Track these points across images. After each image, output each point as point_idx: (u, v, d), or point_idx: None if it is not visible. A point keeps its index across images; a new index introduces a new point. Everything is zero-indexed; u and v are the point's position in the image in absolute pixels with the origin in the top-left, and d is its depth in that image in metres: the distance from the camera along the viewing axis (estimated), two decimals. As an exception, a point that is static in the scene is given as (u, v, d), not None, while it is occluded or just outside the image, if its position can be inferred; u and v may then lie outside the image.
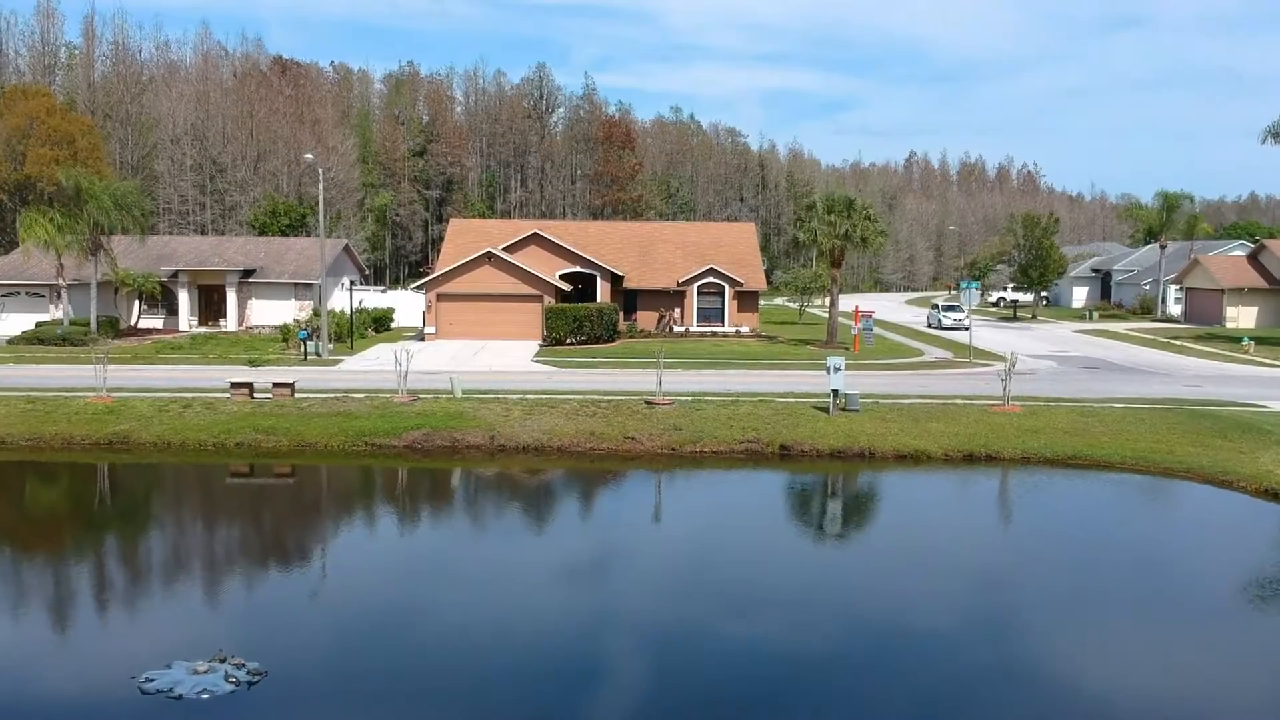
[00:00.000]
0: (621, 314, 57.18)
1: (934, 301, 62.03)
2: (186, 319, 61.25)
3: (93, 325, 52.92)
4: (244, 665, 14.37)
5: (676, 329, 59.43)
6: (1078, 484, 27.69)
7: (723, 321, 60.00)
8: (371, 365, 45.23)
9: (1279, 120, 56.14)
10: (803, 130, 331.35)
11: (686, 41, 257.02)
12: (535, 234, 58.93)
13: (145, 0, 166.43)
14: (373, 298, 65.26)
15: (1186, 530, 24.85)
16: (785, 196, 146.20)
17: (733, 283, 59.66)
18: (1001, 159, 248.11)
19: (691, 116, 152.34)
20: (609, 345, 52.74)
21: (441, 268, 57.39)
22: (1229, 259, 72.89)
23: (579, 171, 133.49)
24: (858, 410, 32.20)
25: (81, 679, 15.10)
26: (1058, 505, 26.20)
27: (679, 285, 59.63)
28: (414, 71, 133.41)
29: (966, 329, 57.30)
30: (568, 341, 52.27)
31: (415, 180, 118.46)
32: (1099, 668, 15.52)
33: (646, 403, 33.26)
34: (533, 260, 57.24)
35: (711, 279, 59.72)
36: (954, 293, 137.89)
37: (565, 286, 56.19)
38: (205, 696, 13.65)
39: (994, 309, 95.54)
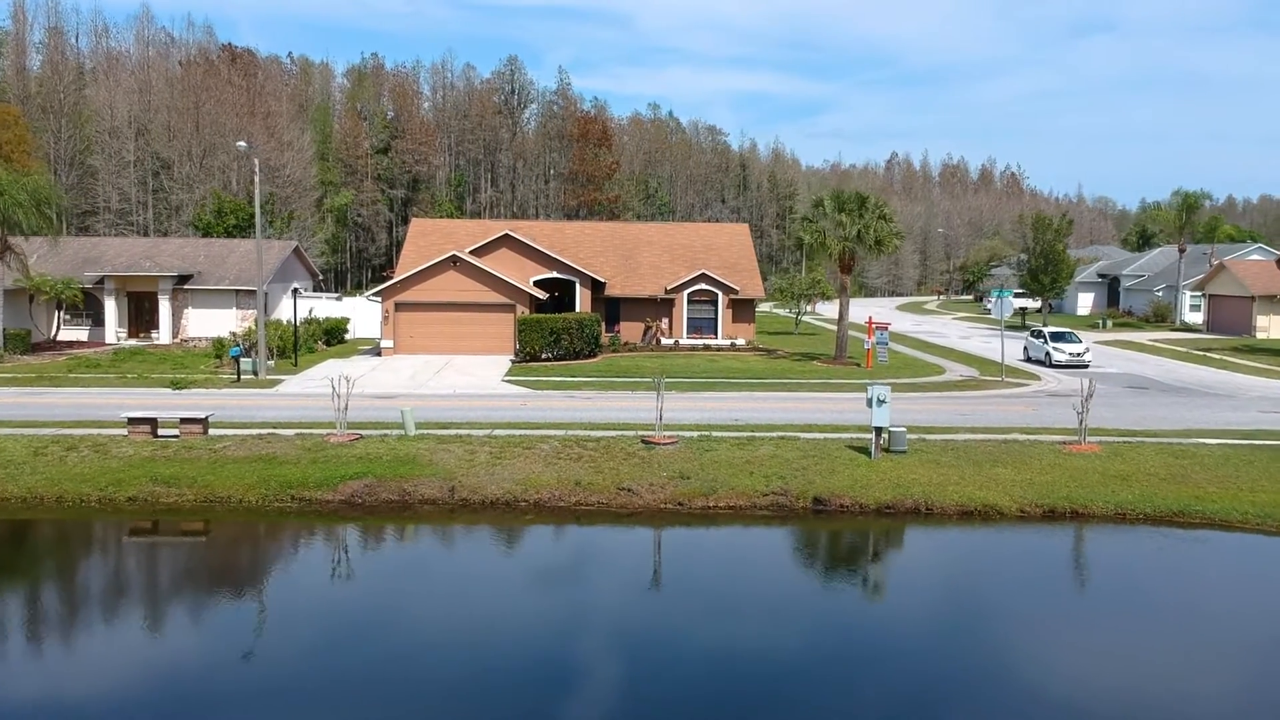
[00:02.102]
0: (603, 325, 51.06)
1: (1035, 328, 49.22)
2: (114, 330, 54.50)
3: (-2, 339, 46.19)
4: None
5: (664, 341, 53.36)
6: (1199, 552, 21.86)
7: (715, 333, 54.02)
8: (316, 387, 38.80)
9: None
10: (777, 133, 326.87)
11: (660, 44, 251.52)
12: (506, 235, 52.70)
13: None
14: (325, 306, 58.74)
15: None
16: (768, 197, 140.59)
17: (727, 290, 53.69)
18: (984, 160, 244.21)
19: (670, 114, 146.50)
20: (590, 361, 46.57)
21: (401, 273, 51.05)
22: (1259, 264, 67.75)
23: (553, 171, 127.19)
24: (904, 451, 26.23)
25: None
26: (1188, 587, 20.28)
27: (667, 293, 53.60)
28: (378, 65, 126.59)
29: (1088, 364, 46.37)
30: (544, 357, 46.07)
31: (379, 179, 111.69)
32: None
33: (644, 441, 27.14)
34: (504, 265, 51.05)
35: (703, 286, 53.74)
36: (943, 298, 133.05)
37: (540, 294, 50.00)
38: None
39: (993, 315, 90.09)
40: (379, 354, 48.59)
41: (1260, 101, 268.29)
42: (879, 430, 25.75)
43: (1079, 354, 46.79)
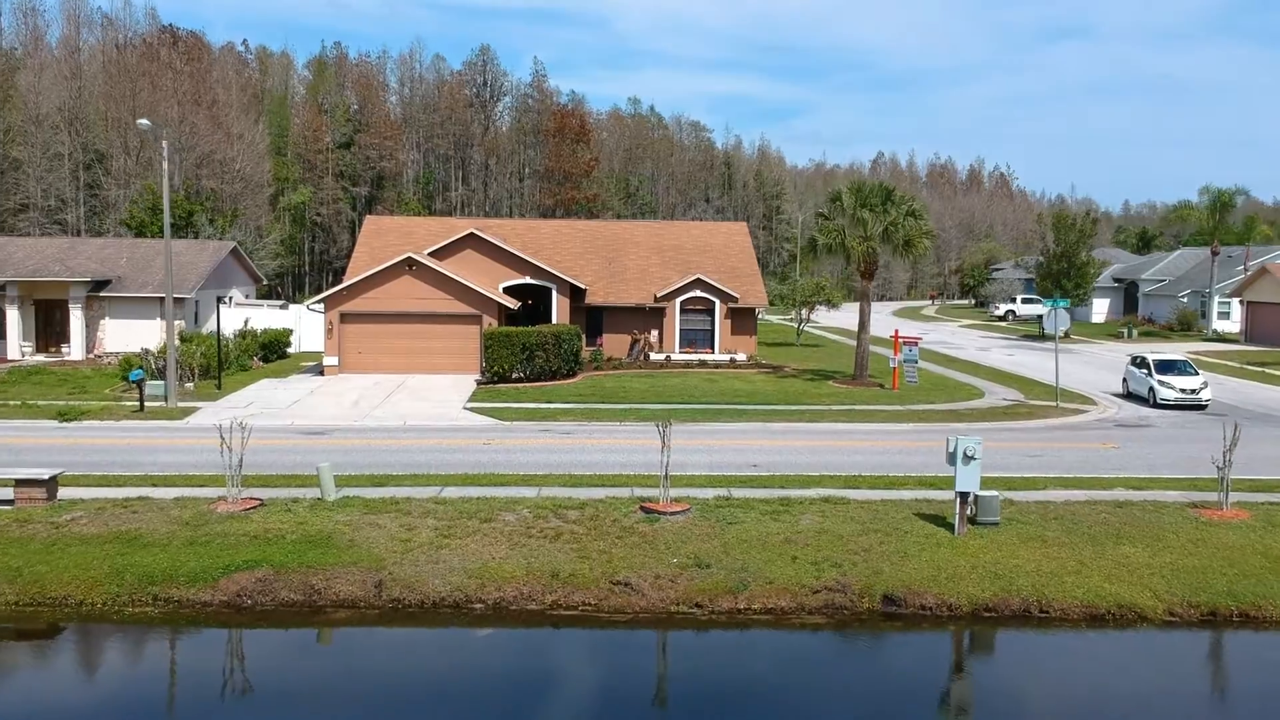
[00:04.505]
0: (584, 338, 44.22)
1: (1138, 354, 39.10)
2: (17, 344, 47.08)
3: None
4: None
5: (654, 356, 46.60)
6: None
7: (712, 346, 47.34)
8: (240, 419, 31.75)
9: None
10: (762, 131, 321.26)
11: (637, 47, 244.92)
12: (472, 234, 45.80)
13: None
14: (266, 315, 51.55)
15: None
16: (754, 197, 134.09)
17: (725, 297, 47.02)
18: (972, 160, 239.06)
19: (652, 109, 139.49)
20: (569, 382, 39.76)
21: (351, 277, 44.06)
22: (1307, 267, 61.71)
23: (527, 168, 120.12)
24: (996, 523, 19.55)
25: None
26: None
27: (657, 301, 46.86)
28: (341, 55, 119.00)
29: (1205, 405, 35.62)
30: (514, 377, 39.19)
31: (340, 176, 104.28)
32: None
33: (644, 509, 20.31)
34: (469, 269, 44.16)
35: (698, 293, 47.06)
36: (938, 302, 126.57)
37: (511, 303, 43.12)
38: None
39: (1001, 323, 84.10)
40: (322, 373, 41.55)
41: (1236, 105, 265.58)
42: (964, 496, 19.03)
43: (1194, 390, 35.59)
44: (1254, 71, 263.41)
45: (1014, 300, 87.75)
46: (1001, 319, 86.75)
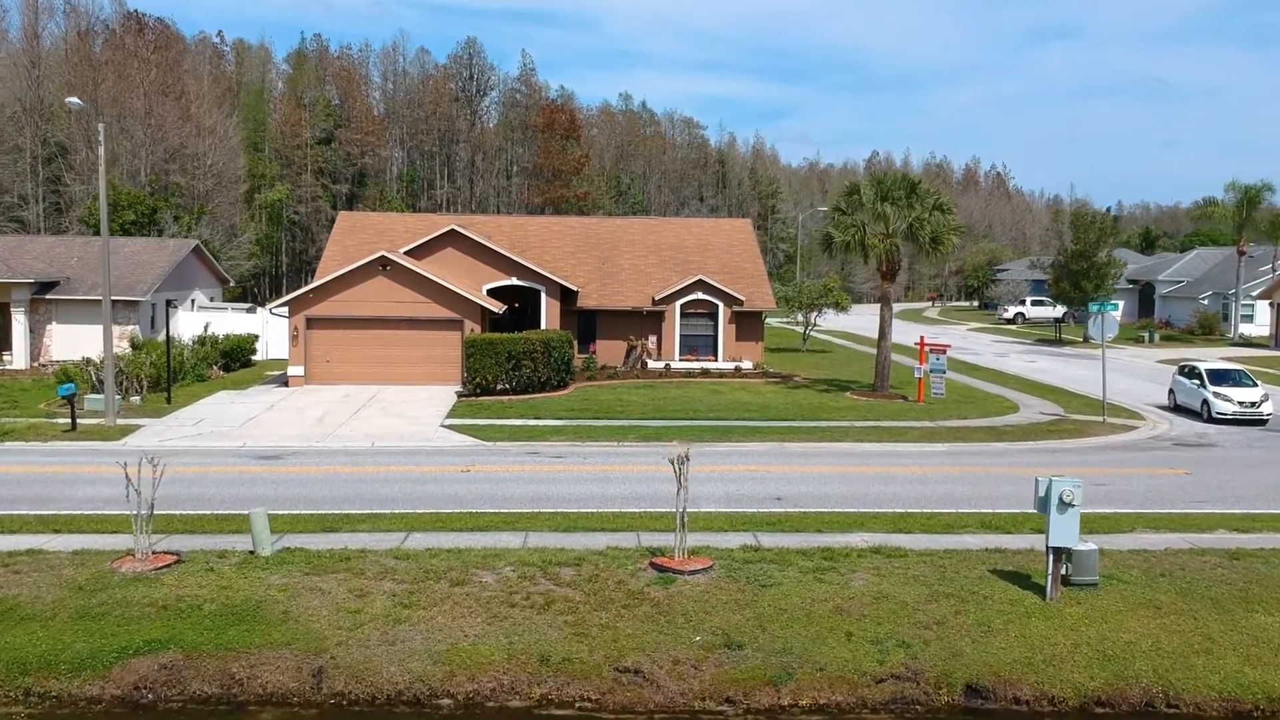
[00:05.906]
0: (575, 344, 40.35)
1: (1186, 363, 35.76)
2: (-46, 352, 43.03)
3: None
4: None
5: (652, 364, 42.75)
6: None
7: (715, 354, 43.51)
8: (184, 437, 27.94)
9: None
10: (757, 129, 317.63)
11: (627, 48, 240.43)
12: (453, 231, 41.90)
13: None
14: (231, 320, 47.51)
15: None
16: (749, 196, 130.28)
17: (730, 300, 43.21)
18: (968, 160, 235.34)
19: (644, 104, 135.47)
20: (560, 394, 35.90)
21: (321, 277, 40.16)
22: (1343, 267, 58.26)
23: (515, 165, 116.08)
24: (1095, 583, 15.73)
25: None
26: None
27: (655, 304, 43.03)
28: (322, 47, 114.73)
29: (1266, 420, 31.81)
30: (499, 389, 35.30)
31: (320, 172, 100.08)
32: None
33: (655, 566, 16.42)
34: (450, 269, 40.29)
35: (700, 295, 43.23)
36: (939, 304, 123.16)
37: (496, 307, 39.24)
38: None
39: (1011, 326, 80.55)
40: (286, 384, 37.58)
41: (1231, 107, 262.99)
42: (1058, 552, 15.20)
43: (1254, 403, 31.85)
44: (1249, 73, 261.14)
45: (1023, 302, 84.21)
46: (1011, 321, 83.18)
